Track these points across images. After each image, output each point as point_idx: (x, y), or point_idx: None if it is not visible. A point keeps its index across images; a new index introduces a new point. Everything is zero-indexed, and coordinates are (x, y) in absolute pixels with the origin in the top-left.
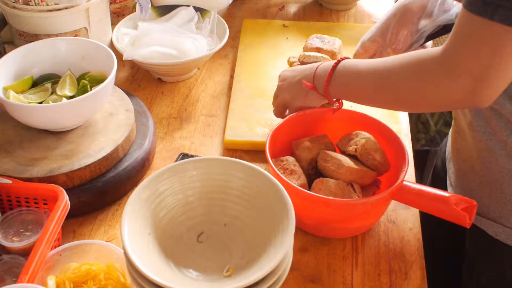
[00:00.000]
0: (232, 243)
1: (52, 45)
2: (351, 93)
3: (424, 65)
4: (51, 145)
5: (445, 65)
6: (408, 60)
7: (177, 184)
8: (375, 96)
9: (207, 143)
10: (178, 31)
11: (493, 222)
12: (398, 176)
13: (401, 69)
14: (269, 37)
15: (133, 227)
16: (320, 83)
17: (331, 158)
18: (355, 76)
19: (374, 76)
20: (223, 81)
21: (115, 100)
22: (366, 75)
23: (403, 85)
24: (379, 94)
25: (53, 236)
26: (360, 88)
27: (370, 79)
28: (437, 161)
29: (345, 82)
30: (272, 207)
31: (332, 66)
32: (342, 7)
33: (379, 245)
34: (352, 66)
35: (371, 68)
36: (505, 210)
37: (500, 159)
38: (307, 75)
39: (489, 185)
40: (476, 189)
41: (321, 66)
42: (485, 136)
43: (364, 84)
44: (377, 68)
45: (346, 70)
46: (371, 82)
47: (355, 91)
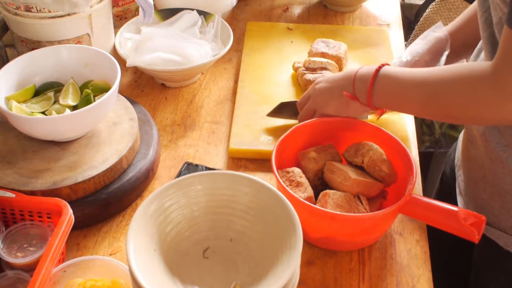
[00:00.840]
0: (239, 258)
1: (54, 53)
2: (395, 104)
3: (474, 83)
4: (55, 156)
5: (497, 84)
6: (457, 76)
7: (182, 199)
8: (422, 110)
9: (212, 151)
10: (182, 36)
11: (503, 233)
12: (405, 187)
13: (450, 85)
14: (274, 40)
15: (138, 245)
16: (362, 93)
17: (338, 169)
18: (399, 88)
19: (420, 89)
20: (227, 86)
21: (119, 109)
22: (412, 88)
23: (452, 102)
24: (426, 109)
25: (57, 252)
26: (406, 100)
27: (416, 92)
28: (445, 167)
29: (389, 93)
30: (279, 223)
31: (372, 75)
32: (347, 8)
33: (386, 257)
34: (395, 76)
35: (416, 80)
36: None
37: None
38: (345, 85)
39: (501, 196)
40: (487, 199)
41: (360, 75)
42: (498, 147)
43: (409, 97)
44: (423, 81)
45: (388, 80)
46: (418, 95)
47: (400, 103)
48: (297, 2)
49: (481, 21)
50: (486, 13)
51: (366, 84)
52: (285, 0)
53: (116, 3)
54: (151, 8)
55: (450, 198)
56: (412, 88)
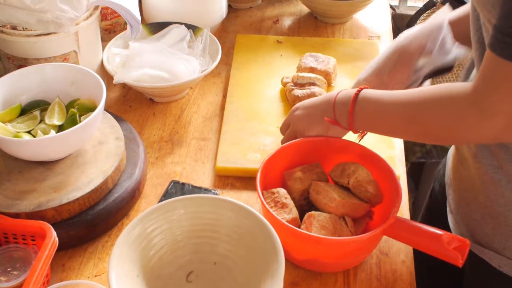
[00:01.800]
0: (222, 283)
1: (40, 72)
2: (377, 127)
3: (455, 104)
4: (40, 177)
5: (478, 106)
6: (437, 96)
7: (165, 223)
8: (404, 132)
9: (199, 169)
10: (170, 51)
11: (496, 253)
12: (391, 207)
13: (430, 106)
14: (263, 54)
15: (121, 271)
16: (343, 117)
17: (323, 190)
18: (380, 110)
19: (401, 111)
20: (215, 102)
21: (105, 127)
22: (392, 110)
23: (433, 122)
24: (407, 130)
25: (41, 276)
26: (387, 123)
27: (397, 114)
28: (434, 184)
29: (370, 116)
30: (262, 248)
31: (352, 99)
32: (337, 20)
33: (371, 278)
34: (375, 98)
35: (396, 101)
36: (509, 242)
37: (506, 192)
38: (326, 109)
39: (493, 218)
40: (479, 220)
41: (340, 98)
42: (490, 169)
43: (391, 119)
44: (403, 103)
45: (368, 103)
46: (399, 117)
47: (381, 126)
48: (287, 14)
49: (474, 40)
50: (478, 32)
51: (346, 108)
52: (275, 12)
53: (104, 17)
54: (138, 24)
55: (440, 216)
56: (392, 110)
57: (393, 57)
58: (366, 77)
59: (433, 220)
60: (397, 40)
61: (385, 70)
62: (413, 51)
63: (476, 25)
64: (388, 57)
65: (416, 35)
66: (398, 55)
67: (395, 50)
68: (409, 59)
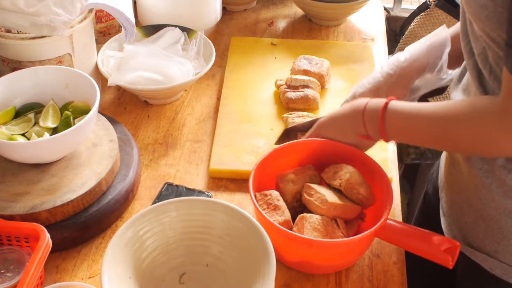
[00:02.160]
0: (214, 284)
1: (34, 75)
2: (408, 139)
3: (483, 122)
4: (34, 179)
5: (507, 124)
6: (465, 112)
7: (157, 225)
8: (436, 145)
9: (192, 171)
10: (164, 54)
11: (488, 256)
12: (383, 210)
13: (459, 123)
14: (257, 56)
15: (113, 273)
16: (373, 128)
17: (315, 192)
18: (408, 125)
19: (429, 127)
20: (210, 104)
21: (99, 130)
22: (422, 125)
23: (462, 139)
24: (439, 144)
25: (34, 278)
26: (417, 138)
27: (426, 129)
28: (428, 187)
29: (400, 129)
30: (254, 250)
31: (381, 111)
32: (331, 23)
33: (363, 280)
34: (403, 112)
35: (425, 116)
36: (501, 245)
37: (497, 197)
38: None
39: (485, 221)
40: (471, 223)
41: (368, 111)
42: (481, 173)
43: (421, 134)
44: (430, 120)
45: (397, 116)
46: (428, 132)
47: (412, 139)
48: (282, 16)
49: (465, 50)
50: (469, 43)
51: (376, 120)
52: (270, 14)
53: (99, 20)
54: (132, 27)
55: (434, 219)
56: (422, 126)
57: (393, 77)
58: (364, 92)
59: (427, 223)
60: (397, 60)
61: (383, 89)
62: (412, 73)
63: (466, 37)
64: (387, 76)
65: (417, 56)
66: (398, 76)
67: (395, 70)
68: (408, 80)
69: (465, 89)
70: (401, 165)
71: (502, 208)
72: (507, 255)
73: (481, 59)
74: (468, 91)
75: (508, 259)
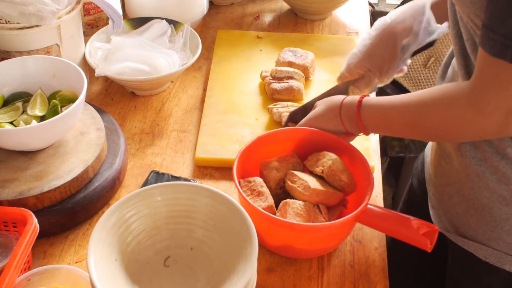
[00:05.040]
0: (198, 267)
1: (22, 64)
2: (386, 131)
3: (453, 105)
4: (22, 166)
5: (476, 105)
6: (436, 99)
7: (143, 209)
8: (411, 134)
9: (179, 160)
10: (151, 45)
11: (481, 245)
12: (364, 196)
13: (430, 110)
14: (243, 49)
15: (99, 255)
16: (351, 124)
17: (298, 179)
18: (383, 117)
19: (403, 116)
20: (196, 95)
21: (87, 119)
22: (394, 117)
23: (436, 125)
24: (414, 134)
25: (21, 261)
26: (393, 128)
27: (401, 119)
28: (412, 180)
29: (376, 123)
30: (237, 233)
31: (356, 110)
32: (317, 16)
33: (344, 265)
34: (377, 105)
35: (398, 107)
36: (494, 233)
37: (490, 183)
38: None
39: (478, 210)
40: (462, 213)
41: (344, 110)
42: (474, 162)
43: (396, 125)
44: (404, 108)
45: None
46: (403, 122)
47: (389, 131)
48: (268, 10)
49: (452, 34)
50: (457, 26)
51: (353, 118)
52: (256, 8)
53: (87, 12)
54: (120, 19)
55: (421, 212)
56: (397, 116)
57: (383, 39)
58: (357, 62)
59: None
60: (383, 21)
61: (376, 53)
62: (400, 32)
63: (454, 19)
64: (376, 39)
65: (402, 18)
66: (387, 37)
67: (383, 32)
68: (397, 39)
69: (451, 81)
70: (385, 158)
71: (496, 196)
72: (501, 242)
73: (469, 44)
74: (454, 82)
75: (502, 246)
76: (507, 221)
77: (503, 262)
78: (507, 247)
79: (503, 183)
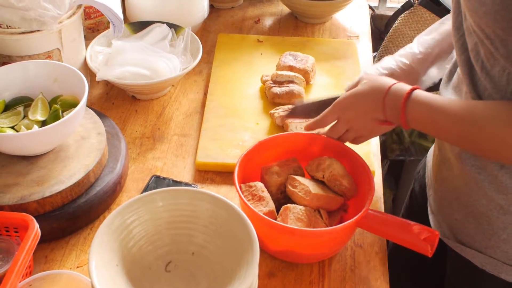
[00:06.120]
0: (200, 272)
1: (23, 69)
2: (428, 132)
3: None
4: (23, 171)
5: None
6: (491, 116)
7: (144, 214)
8: (457, 144)
9: (179, 164)
10: (152, 50)
11: (479, 252)
12: (365, 201)
13: (483, 127)
14: (244, 52)
15: (101, 260)
16: (393, 112)
17: (299, 183)
18: (432, 119)
19: (454, 127)
20: (196, 99)
21: (88, 123)
22: (446, 123)
23: (487, 143)
24: (460, 144)
25: (23, 266)
26: (439, 133)
27: (450, 128)
28: (414, 185)
29: (421, 122)
30: (238, 238)
31: (404, 97)
32: (317, 20)
33: (345, 269)
34: (427, 104)
35: (449, 114)
36: (491, 241)
37: (489, 192)
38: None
39: (476, 217)
40: (461, 220)
41: (390, 96)
42: (473, 170)
43: (443, 131)
44: (456, 118)
45: (420, 106)
46: (452, 132)
47: (433, 133)
48: (268, 14)
49: (457, 46)
50: (462, 38)
51: (398, 104)
52: (256, 12)
53: (88, 16)
54: (121, 23)
55: (422, 217)
56: (445, 123)
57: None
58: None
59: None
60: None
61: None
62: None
63: (460, 31)
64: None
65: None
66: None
67: (411, 61)
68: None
69: (456, 87)
70: (386, 161)
71: (494, 204)
72: (498, 250)
73: (473, 54)
74: (459, 89)
75: (498, 255)
76: (504, 230)
77: (499, 270)
78: (503, 256)
79: (502, 193)
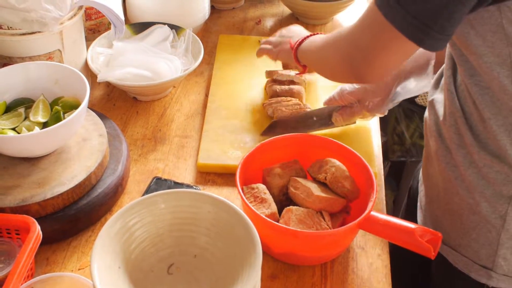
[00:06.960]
0: (202, 275)
1: (24, 70)
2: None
3: (341, 42)
4: (24, 172)
5: (351, 41)
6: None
7: (146, 216)
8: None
9: (181, 165)
10: (153, 51)
11: (453, 250)
12: (367, 203)
13: (328, 45)
14: (245, 54)
15: (103, 262)
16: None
17: (301, 185)
18: (310, 48)
19: (316, 50)
20: (198, 100)
21: (89, 125)
22: (314, 49)
23: (330, 60)
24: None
25: (25, 268)
26: (310, 59)
27: (314, 52)
28: (413, 182)
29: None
30: (240, 240)
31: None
32: (318, 21)
33: (347, 271)
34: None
35: (317, 44)
36: (464, 240)
37: (460, 191)
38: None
39: (451, 215)
40: (440, 216)
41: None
42: (448, 167)
43: (311, 57)
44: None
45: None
46: (314, 55)
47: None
48: (269, 15)
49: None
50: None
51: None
52: (257, 13)
53: (89, 17)
54: (122, 24)
55: (415, 212)
56: (314, 48)
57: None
58: (351, 91)
59: (410, 217)
60: None
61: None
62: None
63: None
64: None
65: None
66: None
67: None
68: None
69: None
70: (387, 162)
71: (464, 203)
72: (469, 249)
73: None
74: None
75: (470, 254)
76: (474, 229)
77: (469, 269)
78: (474, 255)
79: (470, 192)
